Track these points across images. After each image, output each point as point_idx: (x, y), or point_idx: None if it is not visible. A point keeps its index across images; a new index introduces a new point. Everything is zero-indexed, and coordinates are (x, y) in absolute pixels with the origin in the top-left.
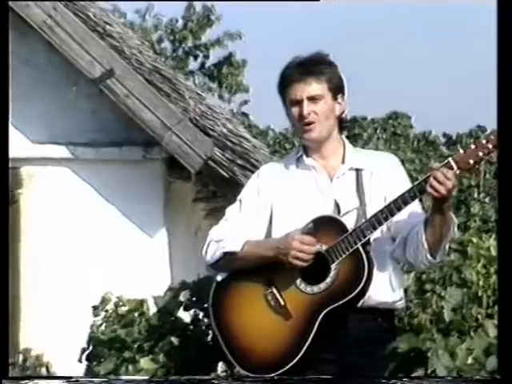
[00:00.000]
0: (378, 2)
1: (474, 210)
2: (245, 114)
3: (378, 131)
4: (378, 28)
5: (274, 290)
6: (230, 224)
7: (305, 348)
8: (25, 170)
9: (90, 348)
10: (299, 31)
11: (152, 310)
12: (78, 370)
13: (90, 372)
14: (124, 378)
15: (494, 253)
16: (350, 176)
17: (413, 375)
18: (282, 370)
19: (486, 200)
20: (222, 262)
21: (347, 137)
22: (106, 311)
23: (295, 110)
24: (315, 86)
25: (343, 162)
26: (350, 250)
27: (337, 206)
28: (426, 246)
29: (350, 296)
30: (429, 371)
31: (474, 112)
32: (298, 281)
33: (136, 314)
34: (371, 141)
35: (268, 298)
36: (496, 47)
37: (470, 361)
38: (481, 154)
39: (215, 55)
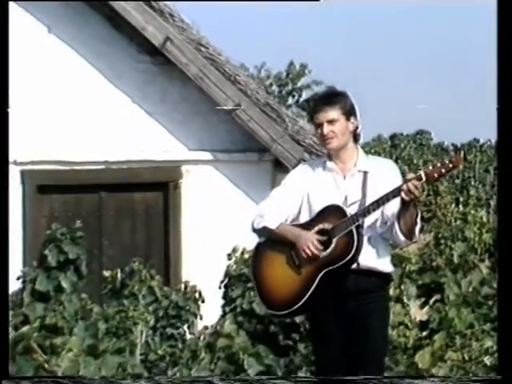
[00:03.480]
0: (381, 2)
1: (472, 193)
2: None
3: (410, 142)
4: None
5: (293, 254)
6: (272, 201)
7: (306, 296)
8: (184, 167)
9: (226, 280)
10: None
11: None
12: (218, 294)
13: (226, 296)
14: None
15: (484, 220)
16: (359, 176)
17: (412, 375)
18: (290, 310)
19: (480, 186)
20: (261, 232)
21: (390, 146)
22: (236, 257)
23: (319, 130)
24: (330, 113)
25: (355, 165)
26: (347, 230)
27: (345, 198)
28: (399, 232)
29: (343, 262)
30: (445, 296)
31: (475, 125)
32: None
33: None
34: (406, 149)
35: (288, 258)
36: (496, 52)
37: (470, 289)
38: (443, 170)
39: (306, 94)
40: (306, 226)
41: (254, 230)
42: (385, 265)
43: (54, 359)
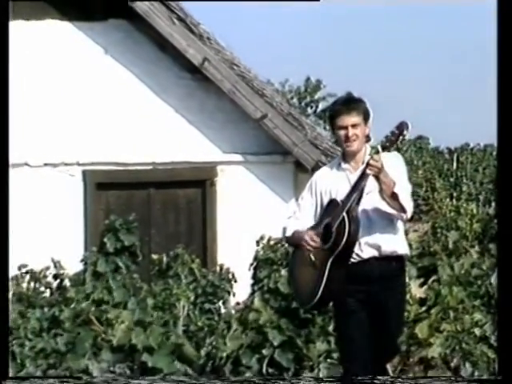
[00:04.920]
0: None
1: (464, 189)
2: None
3: (411, 146)
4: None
5: (310, 253)
6: (292, 215)
7: (322, 286)
8: (219, 167)
9: (255, 263)
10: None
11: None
12: (248, 275)
13: (255, 276)
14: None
15: (475, 212)
16: None
17: (412, 376)
18: (314, 302)
19: (470, 183)
20: (286, 242)
21: (394, 149)
22: (263, 243)
23: (342, 133)
24: (355, 117)
25: (363, 162)
26: (340, 218)
27: None
28: (387, 206)
29: (341, 246)
30: (440, 277)
31: (466, 131)
32: (320, 243)
33: (279, 245)
34: (407, 151)
35: (308, 259)
36: (496, 58)
37: (462, 271)
38: (393, 138)
39: (322, 105)
40: (318, 223)
41: (284, 240)
42: (403, 248)
43: (110, 330)
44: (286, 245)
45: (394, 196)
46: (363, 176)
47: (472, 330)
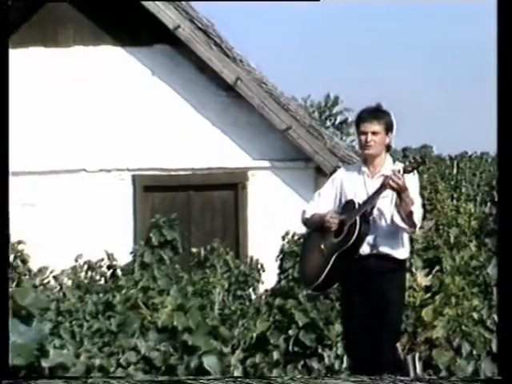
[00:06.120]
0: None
1: (463, 190)
2: (353, 146)
3: (417, 154)
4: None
5: (322, 242)
6: (312, 202)
7: (323, 275)
8: (250, 172)
9: (281, 255)
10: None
11: None
12: (275, 265)
13: (281, 267)
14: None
15: (472, 211)
16: (382, 178)
17: (413, 377)
18: (315, 285)
19: (469, 186)
20: (304, 223)
21: (402, 157)
22: (288, 238)
23: (363, 137)
24: (376, 126)
25: (380, 169)
26: (353, 219)
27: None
28: (399, 219)
29: (348, 245)
30: (443, 267)
31: (465, 140)
32: (332, 236)
33: (301, 240)
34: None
35: (318, 246)
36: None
37: (462, 263)
38: (415, 165)
39: (340, 118)
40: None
41: (302, 222)
42: (400, 252)
43: (155, 313)
44: (304, 226)
45: (410, 214)
46: (381, 189)
47: (471, 314)
